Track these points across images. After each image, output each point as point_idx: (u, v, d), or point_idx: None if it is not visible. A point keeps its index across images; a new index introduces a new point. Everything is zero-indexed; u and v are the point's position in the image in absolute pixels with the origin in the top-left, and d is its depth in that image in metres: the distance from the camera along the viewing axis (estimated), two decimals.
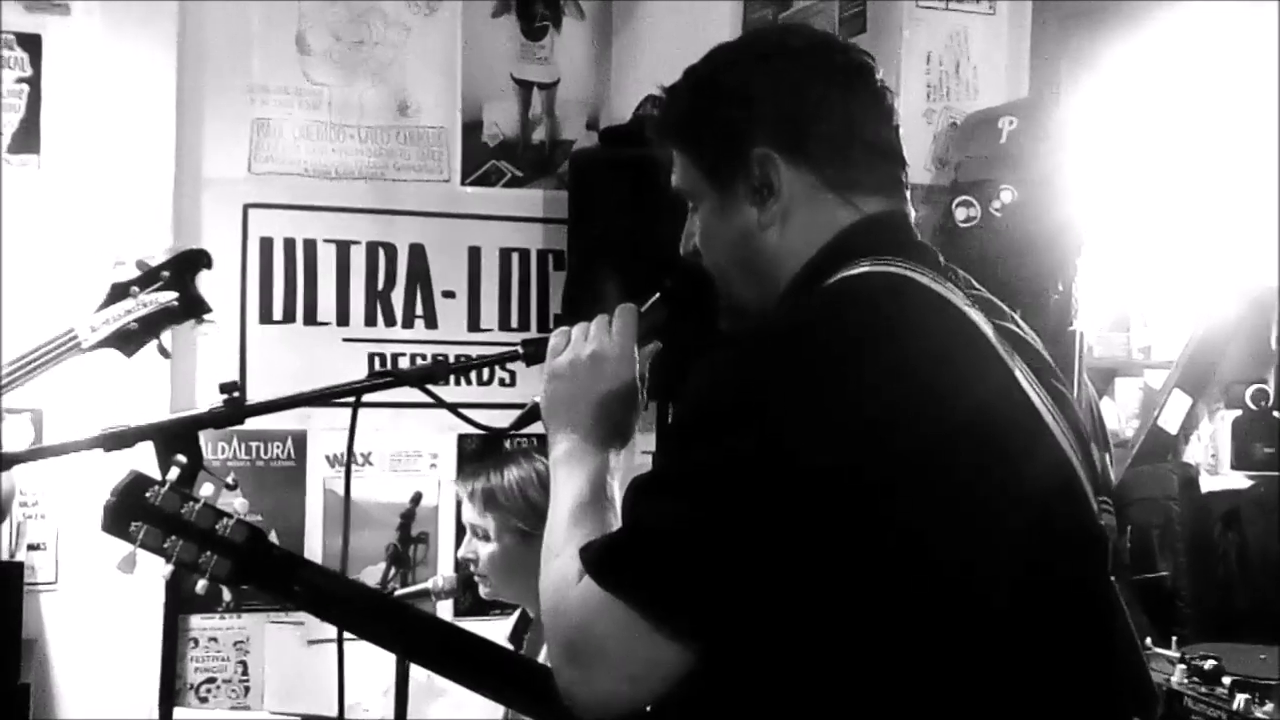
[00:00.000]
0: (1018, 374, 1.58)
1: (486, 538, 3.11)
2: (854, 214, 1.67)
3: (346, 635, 1.92)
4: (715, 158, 1.71)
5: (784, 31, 2.81)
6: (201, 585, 1.76)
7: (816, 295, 1.60)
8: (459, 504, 3.25)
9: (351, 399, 1.93)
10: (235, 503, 1.78)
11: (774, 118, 1.67)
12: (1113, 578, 1.66)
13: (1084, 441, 1.67)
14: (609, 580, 1.47)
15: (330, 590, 1.82)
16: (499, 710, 3.24)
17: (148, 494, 1.74)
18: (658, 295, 1.90)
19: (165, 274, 2.83)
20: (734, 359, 1.52)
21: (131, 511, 1.74)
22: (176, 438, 1.81)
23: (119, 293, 2.81)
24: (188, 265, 2.86)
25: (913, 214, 1.74)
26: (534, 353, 1.89)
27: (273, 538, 4.08)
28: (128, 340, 2.81)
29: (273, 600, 1.84)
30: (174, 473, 1.74)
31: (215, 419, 1.86)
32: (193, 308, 2.85)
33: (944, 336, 1.55)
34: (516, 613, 3.25)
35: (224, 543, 1.74)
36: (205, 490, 1.76)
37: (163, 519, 1.74)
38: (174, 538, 1.74)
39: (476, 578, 3.17)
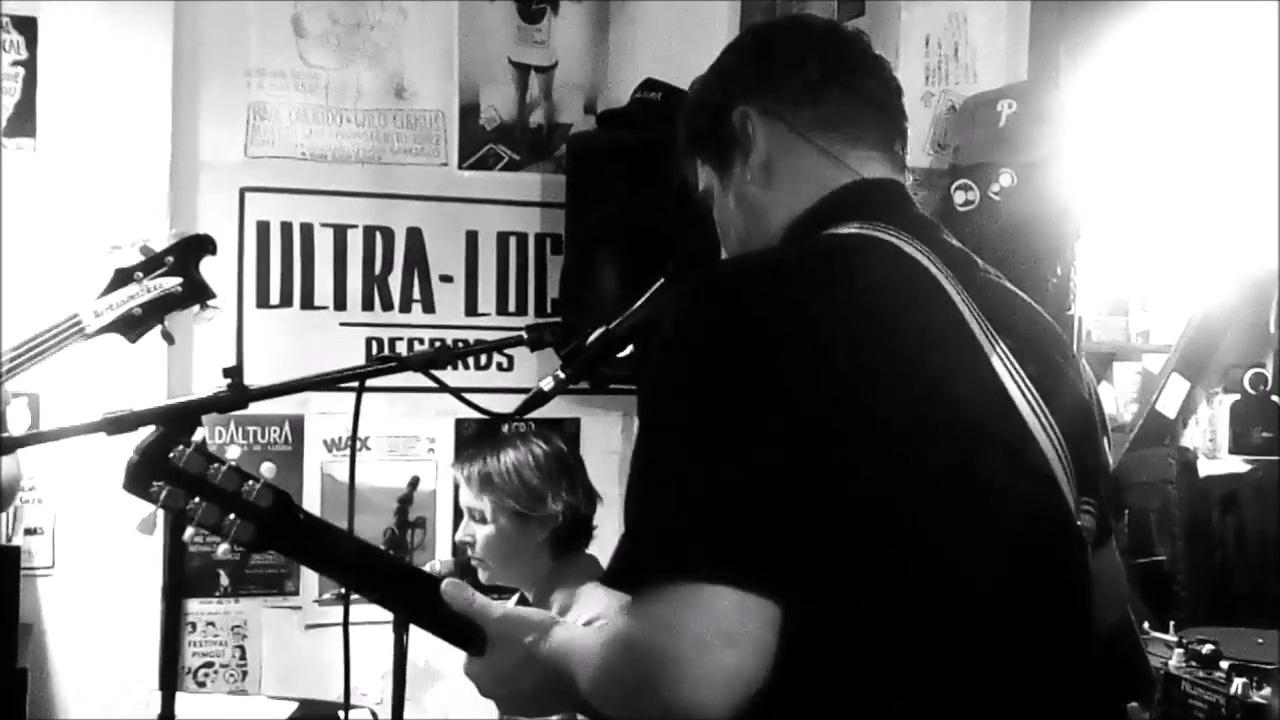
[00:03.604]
0: (995, 361, 1.55)
1: (483, 520, 3.12)
2: (841, 170, 1.69)
3: (351, 620, 1.91)
4: (710, 137, 1.75)
5: (774, 19, 2.85)
6: (223, 549, 1.70)
7: (795, 246, 1.63)
8: (457, 488, 3.25)
9: (354, 383, 1.92)
10: (263, 467, 1.73)
11: (748, 76, 1.73)
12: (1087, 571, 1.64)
13: (1086, 432, 1.66)
14: (665, 569, 1.40)
15: (358, 560, 1.75)
16: None
17: (171, 454, 1.66)
18: (661, 280, 1.90)
19: (169, 259, 2.81)
20: (697, 298, 1.51)
21: (154, 471, 1.66)
22: (179, 422, 1.80)
23: (123, 278, 2.79)
24: (191, 251, 2.84)
25: (909, 178, 1.75)
26: (537, 338, 1.88)
27: None
28: (131, 325, 2.79)
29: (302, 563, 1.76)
30: (200, 433, 1.69)
31: (219, 403, 1.86)
32: (196, 293, 2.83)
33: (916, 305, 1.55)
34: (514, 596, 3.25)
35: (249, 506, 1.68)
36: (232, 453, 1.71)
37: (186, 480, 1.66)
38: (197, 499, 1.66)
39: (474, 562, 3.18)
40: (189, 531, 1.68)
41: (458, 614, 1.70)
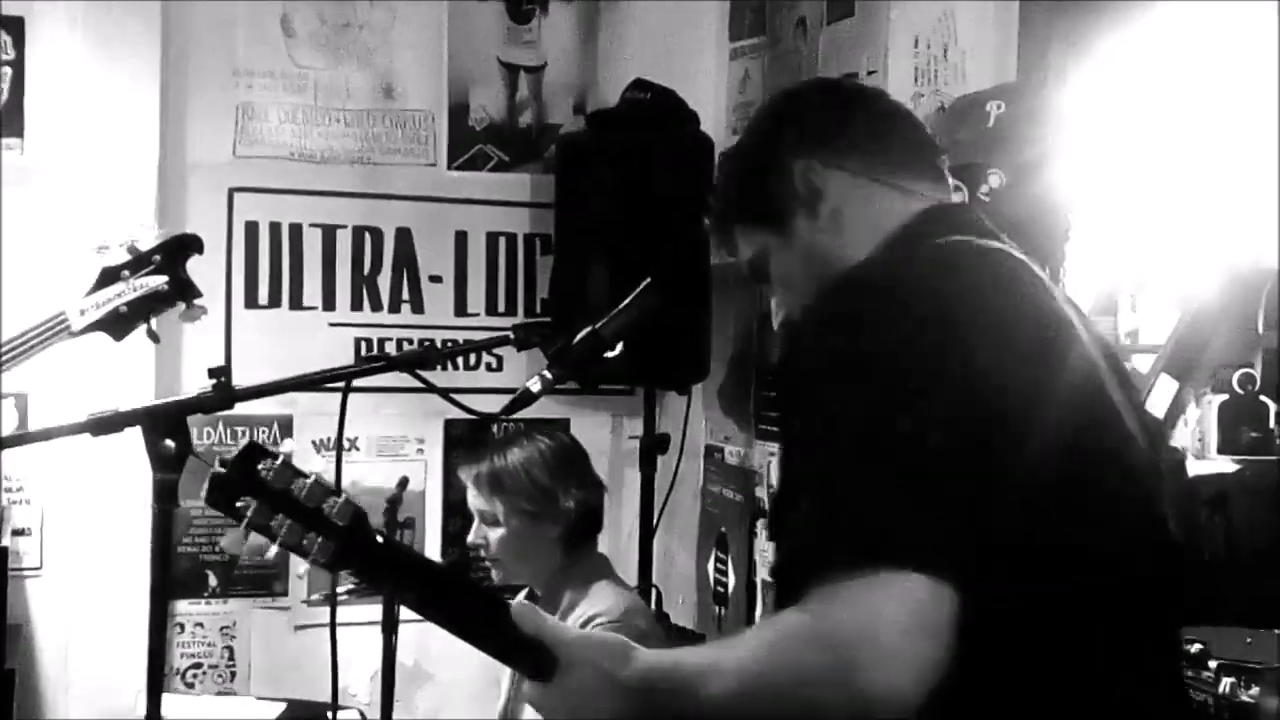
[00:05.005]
0: (1097, 359, 1.62)
1: (495, 522, 3.08)
2: (916, 199, 1.73)
3: (339, 621, 1.91)
4: (765, 195, 1.76)
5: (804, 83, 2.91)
6: (304, 569, 1.65)
7: (921, 249, 1.64)
8: (445, 489, 3.24)
9: (341, 384, 1.92)
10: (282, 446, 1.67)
11: (806, 131, 1.75)
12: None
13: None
14: (847, 563, 1.38)
15: (429, 582, 1.68)
16: (490, 695, 3.24)
17: (260, 467, 1.60)
18: (648, 280, 1.90)
19: (156, 258, 2.82)
20: (843, 308, 1.55)
21: (242, 485, 1.60)
22: (165, 423, 1.80)
23: (109, 276, 2.79)
24: (178, 250, 2.85)
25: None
26: (524, 338, 1.88)
27: None
28: (117, 324, 2.79)
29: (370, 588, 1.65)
30: (287, 444, 1.63)
31: (205, 404, 1.86)
32: (182, 292, 2.83)
33: (1049, 311, 1.60)
34: (523, 593, 3.24)
35: (329, 524, 1.61)
36: (315, 464, 1.66)
37: (272, 495, 1.60)
38: (280, 516, 1.59)
39: (489, 563, 3.15)
40: (272, 550, 1.62)
41: (528, 637, 1.62)
